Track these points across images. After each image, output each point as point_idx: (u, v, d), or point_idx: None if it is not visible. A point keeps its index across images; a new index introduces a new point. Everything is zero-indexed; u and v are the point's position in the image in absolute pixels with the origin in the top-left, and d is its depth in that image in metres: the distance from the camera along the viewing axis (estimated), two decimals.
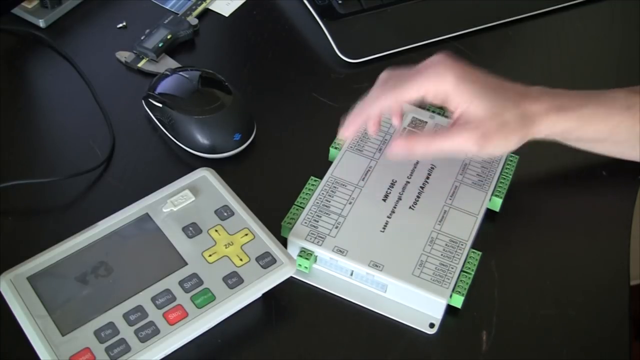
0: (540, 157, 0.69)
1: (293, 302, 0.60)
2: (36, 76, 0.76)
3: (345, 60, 0.78)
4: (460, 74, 0.59)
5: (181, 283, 0.56)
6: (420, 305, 0.59)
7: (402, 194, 0.64)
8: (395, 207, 0.63)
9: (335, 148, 0.68)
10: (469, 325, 0.60)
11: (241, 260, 0.58)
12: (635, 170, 0.69)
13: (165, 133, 0.70)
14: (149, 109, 0.71)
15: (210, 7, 0.83)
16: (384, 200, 0.64)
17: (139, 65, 0.76)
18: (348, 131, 0.63)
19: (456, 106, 0.60)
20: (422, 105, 0.69)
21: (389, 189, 0.65)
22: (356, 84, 0.76)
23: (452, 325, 0.59)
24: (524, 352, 0.59)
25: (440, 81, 0.59)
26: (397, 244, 0.61)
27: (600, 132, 0.63)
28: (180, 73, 0.70)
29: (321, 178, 0.65)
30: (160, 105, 0.69)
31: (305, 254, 0.60)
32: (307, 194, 0.64)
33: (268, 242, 0.59)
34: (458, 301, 0.59)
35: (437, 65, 0.60)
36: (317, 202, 0.63)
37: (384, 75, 0.63)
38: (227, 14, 0.82)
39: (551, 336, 0.59)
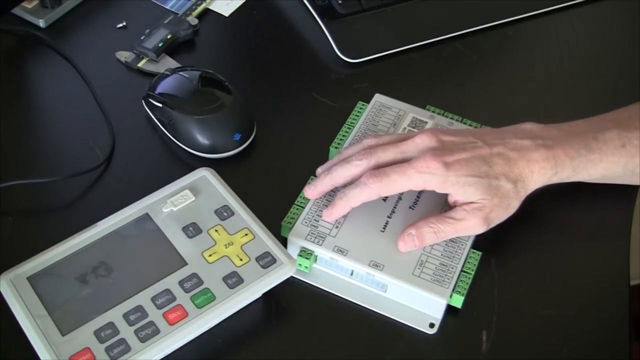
0: None
1: (293, 302, 0.60)
2: (36, 76, 0.76)
3: (345, 60, 0.77)
4: (446, 169, 0.59)
5: (181, 283, 0.56)
6: (420, 305, 0.59)
7: (402, 193, 0.64)
8: (395, 207, 0.63)
9: (336, 148, 0.68)
10: (469, 325, 0.60)
11: (241, 260, 0.58)
12: None
13: (165, 133, 0.70)
14: (149, 109, 0.71)
15: (210, 7, 0.83)
16: (384, 200, 0.64)
17: (139, 65, 0.76)
18: (314, 196, 0.63)
19: (451, 199, 0.61)
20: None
21: None
22: (356, 84, 0.76)
23: (452, 325, 0.59)
24: (524, 352, 0.59)
25: (427, 182, 0.59)
26: (397, 244, 0.61)
27: (594, 175, 0.63)
28: (180, 73, 0.70)
29: None
30: (160, 105, 0.69)
31: (305, 253, 0.60)
32: None
33: (268, 242, 0.59)
34: (458, 301, 0.59)
35: (425, 159, 0.59)
36: (317, 202, 0.63)
37: (367, 143, 0.63)
38: (227, 14, 0.82)
39: (551, 336, 0.59)
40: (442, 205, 0.64)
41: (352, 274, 0.61)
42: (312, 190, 0.62)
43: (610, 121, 0.64)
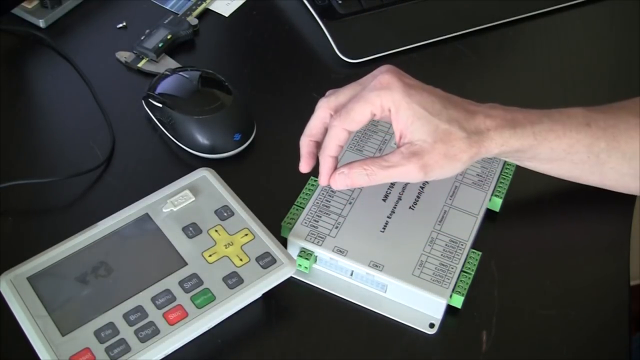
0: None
1: (293, 302, 0.60)
2: (36, 76, 0.76)
3: (345, 60, 0.78)
4: (404, 88, 0.56)
5: (181, 283, 0.56)
6: (420, 305, 0.59)
7: (402, 194, 0.64)
8: (395, 207, 0.63)
9: None
10: (469, 325, 0.60)
11: (241, 260, 0.58)
12: None
13: (165, 133, 0.70)
14: (149, 109, 0.71)
15: (210, 7, 0.83)
16: (384, 200, 0.64)
17: (139, 65, 0.76)
18: (307, 168, 0.61)
19: (397, 126, 0.57)
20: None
21: (389, 189, 0.65)
22: None
23: (452, 325, 0.59)
24: (524, 352, 0.59)
25: (383, 100, 0.56)
26: (397, 244, 0.61)
27: (557, 151, 0.59)
28: (180, 73, 0.70)
29: None
30: (160, 105, 0.69)
31: (305, 254, 0.60)
32: (307, 194, 0.64)
33: (268, 242, 0.59)
34: (458, 301, 0.59)
35: (382, 79, 0.57)
36: (317, 202, 0.63)
37: (327, 95, 0.61)
38: (227, 14, 0.82)
39: (551, 336, 0.59)
40: (442, 206, 0.64)
41: (352, 274, 0.61)
42: (301, 160, 0.61)
43: (575, 107, 0.61)
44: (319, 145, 0.61)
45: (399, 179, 0.58)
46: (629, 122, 0.60)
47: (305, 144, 0.61)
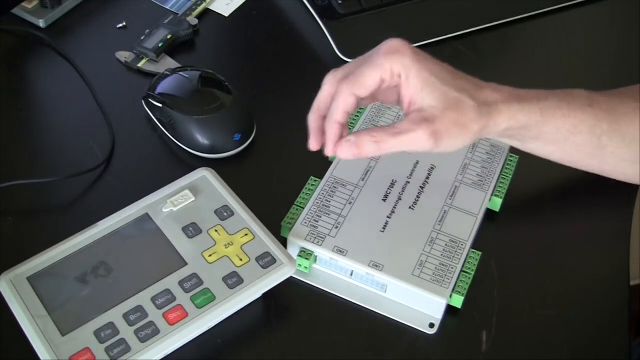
0: (541, 157, 0.69)
1: (293, 302, 0.60)
2: (36, 76, 0.76)
3: (345, 61, 0.77)
4: (414, 55, 0.55)
5: (181, 283, 0.56)
6: (420, 305, 0.59)
7: (402, 194, 0.64)
8: (395, 207, 0.63)
9: None
10: (469, 325, 0.60)
11: (241, 260, 0.58)
12: None
13: (165, 133, 0.70)
14: (149, 109, 0.71)
15: (210, 7, 0.83)
16: (384, 200, 0.64)
17: (139, 65, 0.76)
18: (317, 145, 0.58)
19: (407, 92, 0.55)
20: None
21: (389, 189, 0.65)
22: None
23: (452, 325, 0.59)
24: (524, 352, 0.59)
25: (394, 65, 0.55)
26: (397, 244, 0.61)
27: (561, 130, 0.59)
28: (180, 73, 0.70)
29: (321, 178, 0.65)
30: (160, 105, 0.69)
31: (305, 254, 0.60)
32: (307, 194, 0.64)
33: (268, 242, 0.59)
34: (458, 301, 0.59)
35: (392, 44, 0.56)
36: (317, 202, 0.63)
37: (332, 72, 0.59)
38: (227, 14, 0.82)
39: (551, 336, 0.59)
40: (442, 206, 0.64)
41: (352, 274, 0.61)
42: (310, 137, 0.58)
43: (578, 89, 0.61)
44: None
45: (408, 148, 0.56)
46: (629, 106, 0.61)
47: (314, 119, 0.59)
